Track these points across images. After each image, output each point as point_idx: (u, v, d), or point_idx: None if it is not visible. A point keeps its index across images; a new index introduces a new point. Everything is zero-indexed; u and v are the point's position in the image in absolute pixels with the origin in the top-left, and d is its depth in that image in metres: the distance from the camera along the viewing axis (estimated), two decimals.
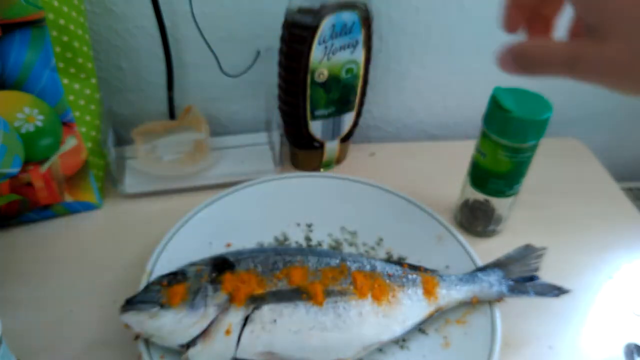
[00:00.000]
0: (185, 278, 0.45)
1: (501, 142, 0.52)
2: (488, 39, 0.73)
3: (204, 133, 0.68)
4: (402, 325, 0.46)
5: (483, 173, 0.56)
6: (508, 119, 0.50)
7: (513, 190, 0.56)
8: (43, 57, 0.50)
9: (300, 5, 0.57)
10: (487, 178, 0.56)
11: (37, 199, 0.58)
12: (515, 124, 0.50)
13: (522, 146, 0.51)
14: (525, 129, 0.50)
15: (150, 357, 0.43)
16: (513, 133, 0.51)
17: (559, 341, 0.49)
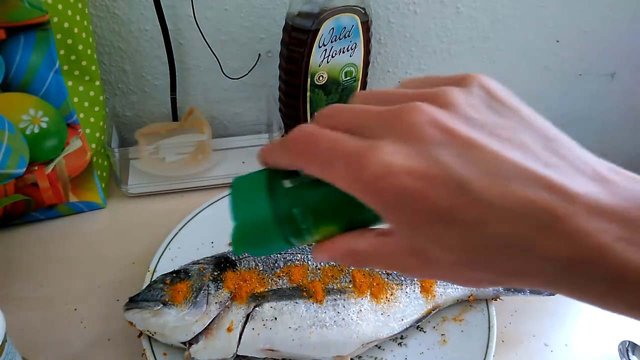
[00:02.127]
0: (187, 276, 0.46)
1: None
2: (484, 42, 0.74)
3: (206, 134, 0.68)
4: (400, 322, 0.46)
5: None
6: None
7: None
8: (47, 59, 0.51)
9: (300, 9, 0.58)
10: None
11: (42, 199, 0.59)
12: None
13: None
14: None
15: (153, 354, 0.44)
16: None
17: (554, 338, 0.50)
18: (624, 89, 0.81)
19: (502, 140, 0.22)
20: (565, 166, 0.22)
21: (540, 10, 0.71)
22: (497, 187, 0.21)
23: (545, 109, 0.53)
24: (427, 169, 0.21)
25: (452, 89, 0.24)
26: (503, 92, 0.24)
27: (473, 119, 0.23)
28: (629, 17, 0.73)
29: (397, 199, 0.21)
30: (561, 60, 0.77)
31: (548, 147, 0.22)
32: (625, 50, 0.77)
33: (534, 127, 0.23)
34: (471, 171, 0.21)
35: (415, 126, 0.22)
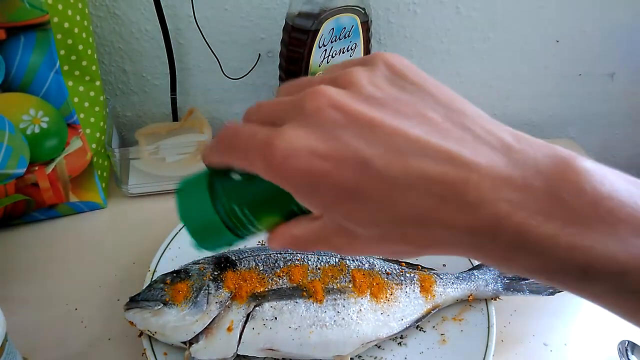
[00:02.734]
0: (188, 276, 0.46)
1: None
2: (484, 42, 0.74)
3: (206, 134, 0.69)
4: (399, 322, 0.46)
5: None
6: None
7: None
8: (48, 59, 0.51)
9: (300, 10, 0.58)
10: None
11: (42, 199, 0.59)
12: None
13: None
14: None
15: (153, 353, 0.44)
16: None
17: (553, 338, 0.50)
18: (624, 89, 0.81)
19: (403, 116, 0.22)
20: (468, 137, 0.22)
21: (540, 11, 0.71)
22: (398, 162, 0.21)
23: (545, 109, 0.53)
24: (330, 150, 0.22)
25: (355, 69, 0.24)
26: (407, 68, 0.25)
27: (374, 97, 0.23)
28: (628, 17, 0.74)
29: (305, 181, 0.22)
30: (561, 61, 0.77)
31: (451, 119, 0.23)
32: (625, 50, 0.77)
33: (438, 100, 0.24)
34: (372, 149, 0.22)
35: (316, 109, 0.23)
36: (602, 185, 0.21)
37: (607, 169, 0.22)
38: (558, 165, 0.21)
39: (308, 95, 0.23)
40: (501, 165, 0.21)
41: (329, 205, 0.23)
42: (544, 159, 0.22)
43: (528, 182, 0.21)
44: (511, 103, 0.80)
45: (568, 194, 0.21)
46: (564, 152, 0.22)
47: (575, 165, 0.21)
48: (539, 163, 0.22)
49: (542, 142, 0.23)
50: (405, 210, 0.22)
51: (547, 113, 0.82)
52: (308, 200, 0.24)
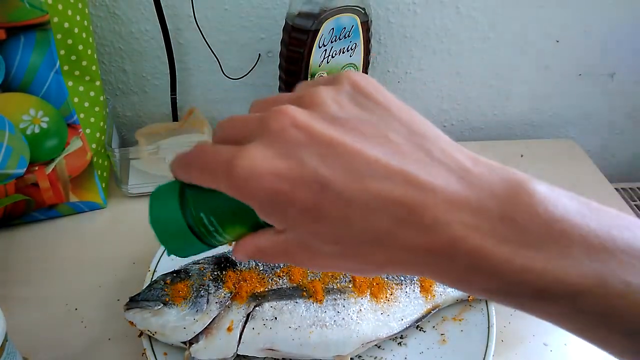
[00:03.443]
0: (188, 276, 0.46)
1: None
2: (484, 42, 0.74)
3: (206, 134, 0.69)
4: (399, 322, 0.46)
5: None
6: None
7: None
8: (48, 59, 0.51)
9: (300, 10, 0.58)
10: None
11: (42, 199, 0.59)
12: None
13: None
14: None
15: (153, 353, 0.44)
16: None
17: (553, 338, 0.50)
18: (624, 89, 0.81)
19: (363, 137, 0.23)
20: (426, 159, 0.22)
21: (540, 11, 0.71)
22: (357, 184, 0.22)
23: (545, 109, 0.53)
24: (290, 169, 0.22)
25: (319, 89, 0.25)
26: (372, 87, 0.25)
27: (336, 117, 0.23)
28: (628, 17, 0.74)
29: (266, 200, 0.23)
30: (561, 61, 0.77)
31: (412, 141, 0.23)
32: (625, 50, 0.77)
33: (400, 121, 0.24)
34: (332, 170, 0.22)
35: (278, 129, 0.23)
36: (555, 207, 0.21)
37: (561, 191, 0.22)
38: (512, 188, 0.22)
39: (272, 115, 0.24)
40: (457, 188, 0.22)
41: (290, 223, 0.24)
42: (498, 182, 0.22)
43: (483, 205, 0.21)
44: (511, 103, 0.80)
45: (521, 217, 0.21)
46: (518, 175, 0.22)
47: (528, 188, 0.22)
48: (493, 186, 0.22)
49: (499, 165, 0.23)
50: (362, 230, 0.22)
51: (547, 113, 0.82)
52: (270, 217, 0.24)
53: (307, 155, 0.22)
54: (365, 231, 0.22)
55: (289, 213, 0.23)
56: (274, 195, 0.22)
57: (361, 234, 0.22)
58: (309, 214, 0.22)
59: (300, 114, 0.23)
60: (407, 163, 0.22)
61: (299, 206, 0.22)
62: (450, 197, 0.21)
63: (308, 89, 0.25)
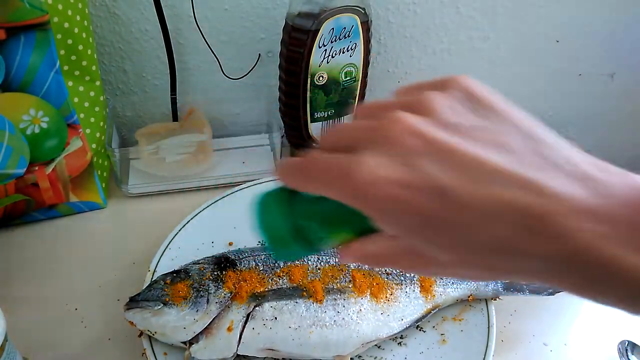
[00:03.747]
0: (188, 276, 0.46)
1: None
2: (484, 42, 0.74)
3: (206, 134, 0.69)
4: (399, 322, 0.47)
5: None
6: None
7: None
8: (48, 59, 0.51)
9: (300, 10, 0.58)
10: None
11: (42, 199, 0.59)
12: None
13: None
14: None
15: (153, 353, 0.44)
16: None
17: (553, 338, 0.50)
18: (624, 89, 0.81)
19: (483, 143, 0.22)
20: (547, 166, 0.22)
21: (540, 11, 0.71)
22: (479, 191, 0.21)
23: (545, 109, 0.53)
24: (410, 178, 0.22)
25: (432, 95, 0.24)
26: (485, 93, 0.25)
27: (453, 124, 0.23)
28: (628, 17, 0.74)
29: (385, 207, 0.23)
30: (561, 61, 0.77)
31: (531, 148, 0.23)
32: (624, 50, 0.77)
33: (517, 127, 0.23)
34: (453, 177, 0.22)
35: (396, 137, 0.23)
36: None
37: None
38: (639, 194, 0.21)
39: (388, 122, 0.23)
40: (583, 195, 0.21)
41: (408, 230, 0.23)
42: (626, 189, 0.21)
43: (612, 213, 0.21)
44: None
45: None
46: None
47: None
48: (621, 193, 0.21)
49: (622, 171, 0.23)
50: (485, 238, 0.22)
51: (547, 113, 0.82)
52: (386, 225, 0.24)
53: (426, 162, 0.22)
54: (487, 239, 0.22)
55: (408, 220, 0.23)
56: (393, 202, 0.22)
57: (483, 242, 0.22)
58: (429, 221, 0.22)
59: (416, 121, 0.23)
60: (529, 170, 0.22)
61: (418, 213, 0.22)
62: (576, 205, 0.21)
63: (417, 95, 0.25)
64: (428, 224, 0.22)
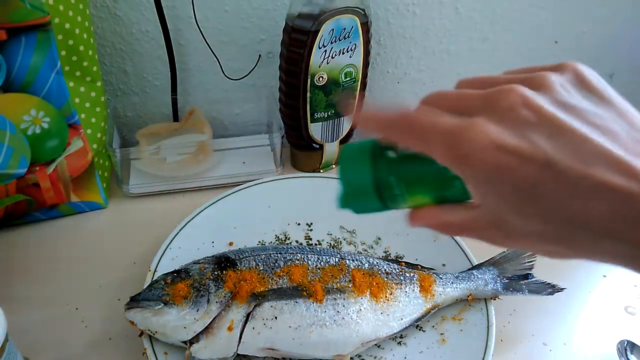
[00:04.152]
0: (188, 276, 0.46)
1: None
2: (483, 43, 0.74)
3: (206, 135, 0.69)
4: (399, 322, 0.47)
5: None
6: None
7: None
8: (49, 60, 0.51)
9: (300, 11, 0.58)
10: None
11: (43, 199, 0.59)
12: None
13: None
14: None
15: (154, 353, 0.44)
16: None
17: (552, 338, 0.50)
18: (623, 90, 0.80)
19: (590, 126, 0.23)
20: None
21: (539, 11, 0.71)
22: (581, 168, 0.22)
23: None
24: (519, 146, 0.23)
25: (547, 74, 0.25)
26: (597, 81, 0.26)
27: (565, 103, 0.24)
28: (627, 18, 0.74)
29: (489, 172, 0.23)
30: (560, 61, 0.77)
31: (633, 136, 0.23)
32: (623, 51, 0.77)
33: (622, 115, 0.24)
34: (559, 151, 0.23)
35: (510, 106, 0.24)
36: None
37: None
38: None
39: (503, 92, 0.24)
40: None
41: (502, 197, 0.24)
42: None
43: None
44: None
45: None
46: None
47: None
48: None
49: None
50: (578, 214, 0.23)
51: None
52: (483, 190, 0.25)
53: (536, 135, 0.23)
54: (580, 215, 0.23)
55: (507, 188, 0.23)
56: (497, 168, 0.23)
57: (575, 217, 0.23)
58: (526, 190, 0.23)
59: (532, 95, 0.24)
60: (630, 156, 0.22)
61: (519, 182, 0.23)
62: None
63: (533, 73, 0.26)
64: (525, 192, 0.23)
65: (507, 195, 0.24)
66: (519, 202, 0.24)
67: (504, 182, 0.23)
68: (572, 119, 0.23)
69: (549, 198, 0.23)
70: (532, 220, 0.24)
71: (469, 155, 0.24)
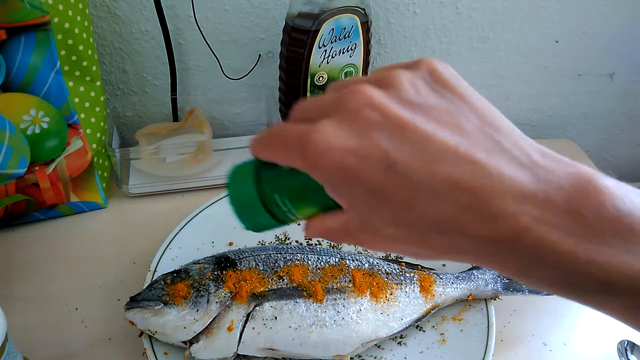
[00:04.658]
0: (188, 276, 0.46)
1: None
2: (484, 43, 0.74)
3: (206, 135, 0.69)
4: (399, 322, 0.47)
5: None
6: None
7: None
8: (48, 60, 0.51)
9: (300, 10, 0.58)
10: None
11: (43, 199, 0.59)
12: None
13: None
14: None
15: (154, 353, 0.44)
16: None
17: (553, 338, 0.50)
18: (623, 89, 0.81)
19: (437, 122, 0.23)
20: (497, 150, 0.23)
21: (540, 11, 0.71)
22: (425, 167, 0.22)
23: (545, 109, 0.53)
24: (360, 147, 0.23)
25: (398, 72, 0.25)
26: (450, 76, 0.25)
27: (412, 101, 0.24)
28: (627, 17, 0.74)
29: (335, 175, 0.23)
30: (560, 61, 0.77)
31: (484, 132, 0.23)
32: (624, 50, 0.77)
33: (474, 111, 0.24)
34: (402, 151, 0.22)
35: (355, 107, 0.23)
36: (622, 202, 0.21)
37: (629, 187, 0.22)
38: (579, 182, 0.22)
39: (348, 94, 0.24)
40: (524, 179, 0.22)
41: (355, 201, 0.24)
42: (566, 176, 0.22)
43: (549, 198, 0.21)
44: (511, 103, 0.80)
45: (588, 211, 0.21)
46: (585, 169, 0.23)
47: (595, 182, 0.22)
48: (561, 179, 0.22)
49: (567, 160, 0.23)
50: (426, 214, 0.22)
51: (547, 113, 0.82)
52: (336, 193, 0.25)
53: (378, 135, 0.23)
54: (428, 215, 0.22)
55: (354, 191, 0.23)
56: (341, 170, 0.23)
57: (424, 219, 0.23)
58: (374, 193, 0.23)
59: (376, 95, 0.24)
60: (476, 151, 0.22)
61: (364, 184, 0.23)
62: (517, 187, 0.22)
63: (386, 72, 0.26)
64: (371, 195, 0.23)
65: (359, 199, 0.24)
66: (370, 205, 0.24)
67: (352, 185, 0.23)
68: (417, 116, 0.23)
69: (395, 200, 0.23)
70: (387, 223, 0.24)
71: (315, 159, 0.23)
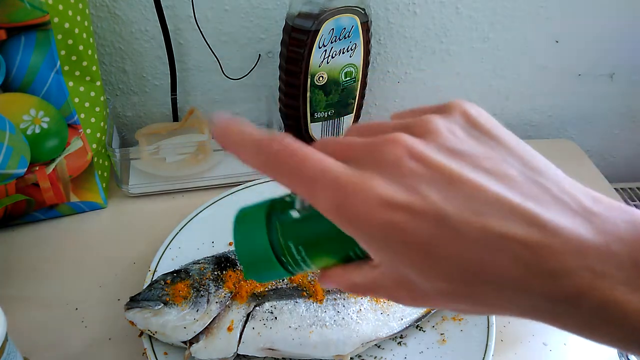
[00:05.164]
0: (188, 276, 0.46)
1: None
2: (484, 43, 0.74)
3: (206, 134, 0.69)
4: (399, 322, 0.47)
5: None
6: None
7: None
8: (48, 60, 0.51)
9: (300, 10, 0.58)
10: None
11: (43, 199, 0.59)
12: None
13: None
14: None
15: (154, 353, 0.44)
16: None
17: (553, 338, 0.50)
18: (623, 89, 0.81)
19: (483, 171, 0.22)
20: (548, 199, 0.21)
21: (540, 11, 0.71)
22: (476, 220, 0.20)
23: (545, 109, 0.53)
24: (407, 202, 0.21)
25: (433, 118, 0.24)
26: (486, 119, 0.24)
27: (453, 149, 0.22)
28: (628, 17, 0.74)
29: (378, 232, 0.21)
30: (560, 61, 0.77)
31: (531, 179, 0.22)
32: (624, 50, 0.77)
33: (517, 156, 0.23)
34: (451, 204, 0.21)
35: (396, 159, 0.22)
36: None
37: None
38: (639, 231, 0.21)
39: (386, 142, 0.22)
40: (583, 231, 0.20)
41: (397, 257, 0.22)
42: (624, 224, 0.21)
43: (611, 250, 0.20)
44: (511, 103, 0.80)
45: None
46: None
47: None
48: (620, 228, 0.20)
49: (617, 204, 0.22)
50: (478, 269, 0.21)
51: (546, 113, 0.82)
52: (376, 250, 0.23)
53: (425, 187, 0.21)
54: (481, 271, 0.21)
55: (399, 247, 0.22)
56: (387, 228, 0.21)
57: (476, 274, 0.21)
58: (422, 248, 0.21)
59: (416, 144, 0.22)
60: (528, 202, 0.21)
61: (411, 240, 0.21)
62: (576, 240, 0.20)
63: (416, 117, 0.24)
64: (418, 250, 0.21)
65: (402, 255, 0.22)
66: (414, 262, 0.22)
67: (395, 241, 0.21)
68: (463, 166, 0.21)
69: (444, 256, 0.21)
70: (434, 278, 0.22)
71: (354, 213, 0.21)
